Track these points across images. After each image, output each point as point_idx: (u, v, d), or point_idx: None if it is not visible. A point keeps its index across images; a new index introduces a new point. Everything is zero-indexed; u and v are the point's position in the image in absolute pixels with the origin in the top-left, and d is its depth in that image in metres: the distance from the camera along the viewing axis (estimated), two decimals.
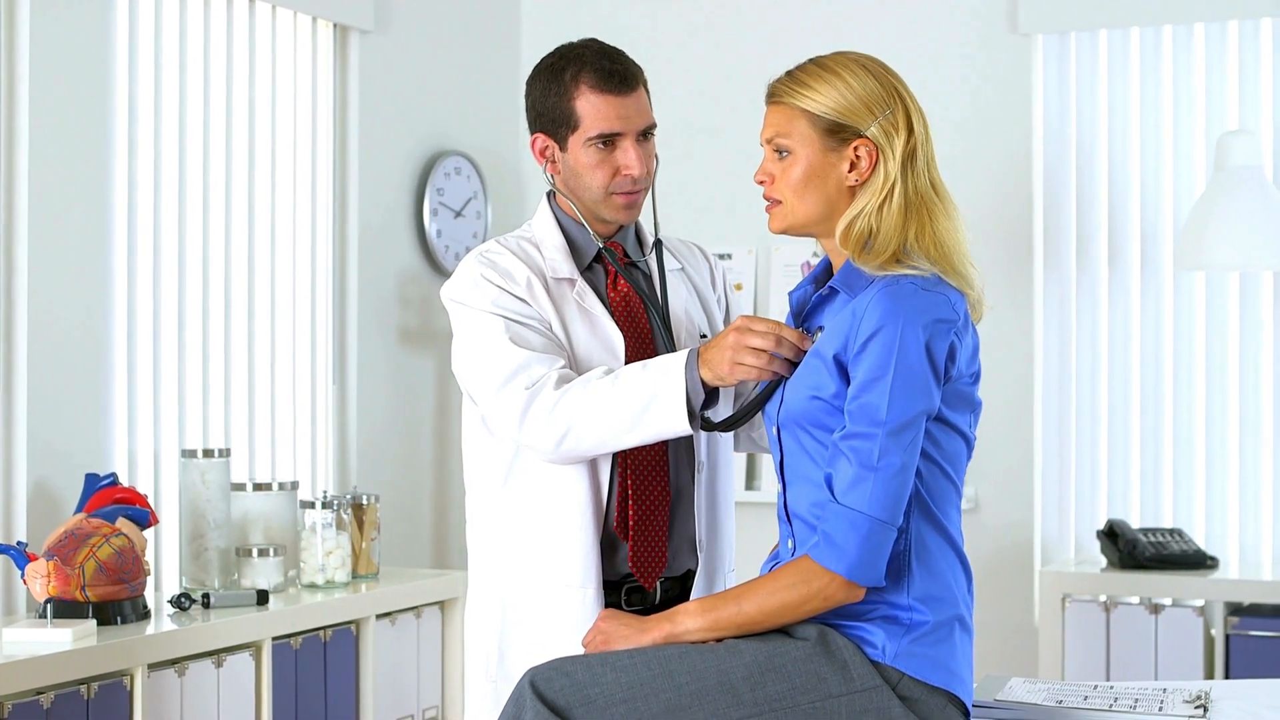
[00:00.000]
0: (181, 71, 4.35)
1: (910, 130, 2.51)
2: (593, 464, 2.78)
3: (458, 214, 5.33)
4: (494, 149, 5.54)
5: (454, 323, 2.84)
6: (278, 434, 4.68)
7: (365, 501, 4.36)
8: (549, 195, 2.93)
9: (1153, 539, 4.65)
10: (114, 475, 3.85)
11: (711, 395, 2.65)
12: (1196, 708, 2.73)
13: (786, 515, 2.54)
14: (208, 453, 4.09)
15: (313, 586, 4.18)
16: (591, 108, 2.80)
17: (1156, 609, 4.54)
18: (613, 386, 2.65)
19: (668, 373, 2.62)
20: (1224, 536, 4.89)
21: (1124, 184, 5.00)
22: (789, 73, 2.56)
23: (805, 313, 2.58)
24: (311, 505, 4.21)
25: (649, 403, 2.62)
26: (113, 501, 3.79)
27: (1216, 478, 4.91)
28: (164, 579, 4.19)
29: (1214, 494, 4.91)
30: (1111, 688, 2.90)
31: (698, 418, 2.64)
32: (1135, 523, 4.95)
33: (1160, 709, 2.73)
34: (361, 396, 4.93)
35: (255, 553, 4.08)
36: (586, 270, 2.88)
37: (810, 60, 2.56)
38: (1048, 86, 5.07)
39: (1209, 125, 4.90)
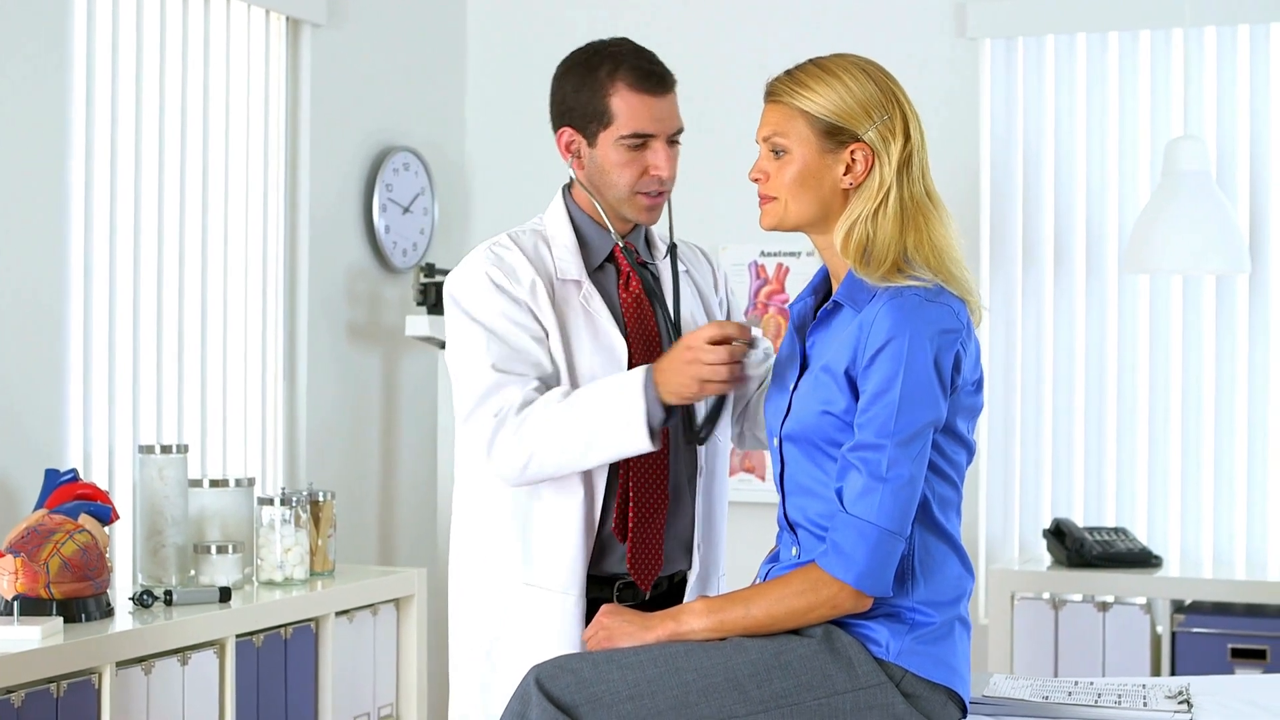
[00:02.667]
0: (138, 64, 4.31)
1: (907, 137, 2.53)
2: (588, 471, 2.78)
3: (406, 210, 5.31)
4: (441, 145, 5.53)
5: (447, 320, 2.83)
6: (228, 430, 4.64)
7: (321, 498, 4.34)
8: (565, 189, 2.92)
9: (1099, 538, 4.72)
10: (75, 471, 3.80)
11: (669, 412, 2.67)
12: (1180, 703, 2.78)
13: (788, 523, 2.56)
14: (165, 449, 4.05)
15: (271, 584, 4.15)
16: (627, 106, 2.79)
17: (1104, 606, 4.61)
18: (568, 410, 2.66)
19: (625, 393, 2.63)
20: (1165, 535, 4.98)
21: (1069, 187, 5.08)
22: (788, 72, 2.56)
23: (809, 327, 2.59)
24: (270, 502, 4.18)
25: (604, 424, 2.63)
26: (74, 497, 3.74)
27: (1158, 477, 4.99)
28: (117, 576, 4.14)
29: (1156, 493, 4.99)
30: (1092, 683, 2.95)
31: (658, 435, 2.65)
32: (1079, 522, 5.02)
33: (1145, 705, 2.77)
34: (311, 392, 4.90)
35: (214, 550, 4.04)
36: (596, 271, 2.87)
37: (810, 60, 2.57)
38: (995, 90, 5.14)
39: (1154, 130, 4.99)
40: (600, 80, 2.80)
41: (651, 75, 2.81)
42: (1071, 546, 4.70)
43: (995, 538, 5.09)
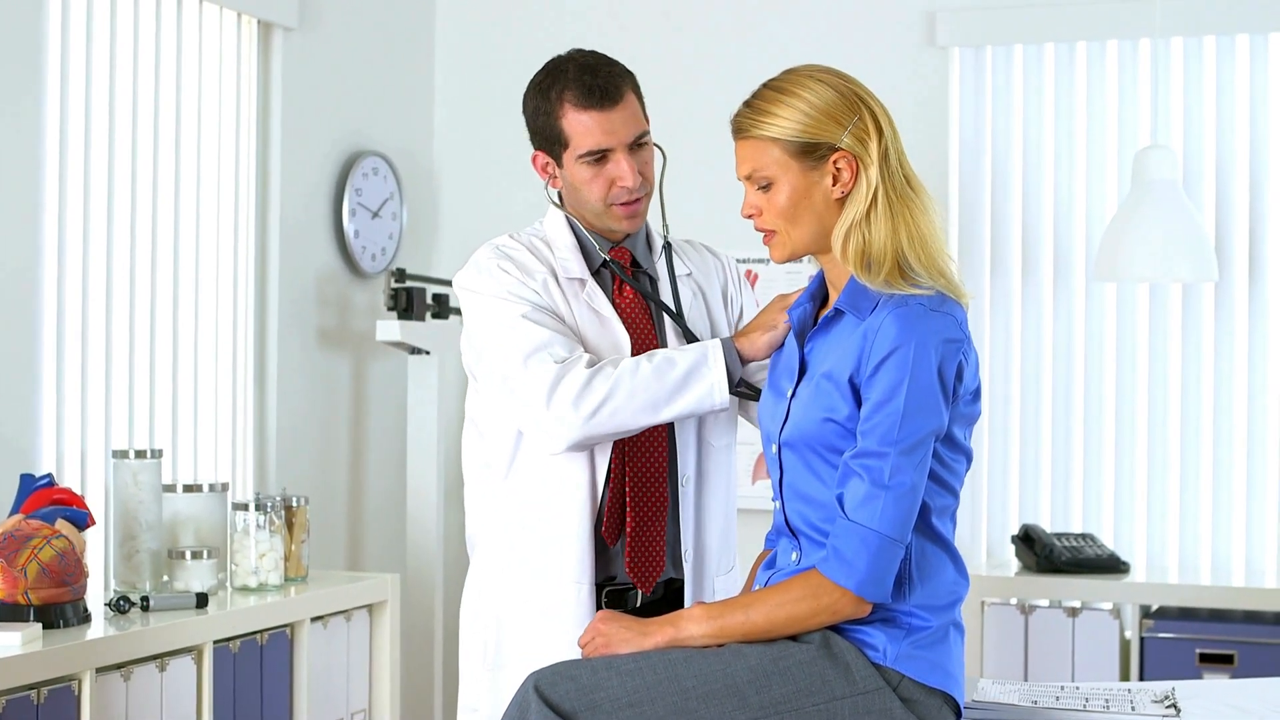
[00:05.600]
0: (111, 66, 4.28)
1: (880, 131, 2.51)
2: (591, 464, 2.80)
3: (375, 214, 5.29)
4: (409, 150, 5.52)
5: (467, 311, 2.83)
6: (199, 434, 4.62)
7: (295, 504, 4.32)
8: (560, 196, 2.94)
9: (1067, 544, 4.76)
10: (50, 476, 3.77)
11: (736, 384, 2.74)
12: (1168, 707, 2.81)
13: (789, 529, 2.57)
14: (140, 453, 4.02)
15: (245, 589, 4.13)
16: (579, 126, 2.78)
17: (1073, 612, 4.64)
18: (650, 361, 2.68)
19: (706, 346, 2.70)
20: (1131, 541, 5.02)
21: (1038, 195, 5.12)
22: (747, 103, 2.54)
23: (808, 333, 2.60)
24: (244, 507, 4.16)
25: (693, 369, 2.66)
26: (50, 502, 3.71)
27: (1125, 483, 5.04)
28: (91, 581, 4.11)
29: (1122, 499, 5.04)
30: (1078, 688, 2.97)
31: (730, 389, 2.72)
32: (1046, 528, 5.05)
33: (1133, 709, 2.80)
34: (281, 397, 4.88)
35: (189, 555, 4.02)
36: (595, 273, 2.89)
37: (764, 85, 2.55)
38: (964, 99, 5.17)
39: (1121, 139, 5.04)
40: (551, 103, 2.80)
41: (594, 90, 2.78)
42: (1040, 552, 4.73)
43: (964, 544, 5.12)
